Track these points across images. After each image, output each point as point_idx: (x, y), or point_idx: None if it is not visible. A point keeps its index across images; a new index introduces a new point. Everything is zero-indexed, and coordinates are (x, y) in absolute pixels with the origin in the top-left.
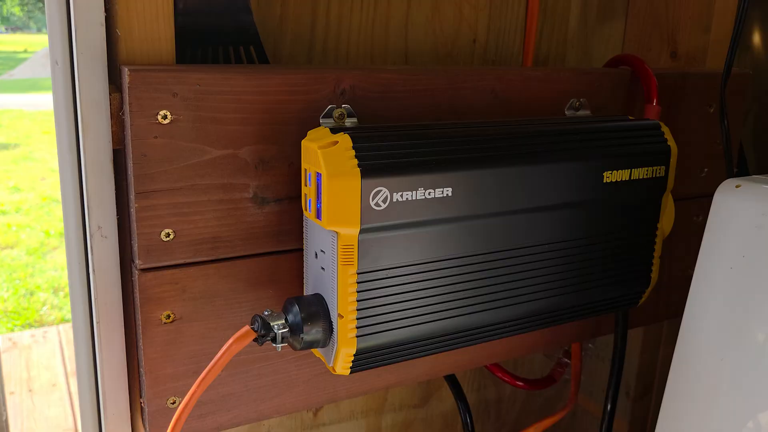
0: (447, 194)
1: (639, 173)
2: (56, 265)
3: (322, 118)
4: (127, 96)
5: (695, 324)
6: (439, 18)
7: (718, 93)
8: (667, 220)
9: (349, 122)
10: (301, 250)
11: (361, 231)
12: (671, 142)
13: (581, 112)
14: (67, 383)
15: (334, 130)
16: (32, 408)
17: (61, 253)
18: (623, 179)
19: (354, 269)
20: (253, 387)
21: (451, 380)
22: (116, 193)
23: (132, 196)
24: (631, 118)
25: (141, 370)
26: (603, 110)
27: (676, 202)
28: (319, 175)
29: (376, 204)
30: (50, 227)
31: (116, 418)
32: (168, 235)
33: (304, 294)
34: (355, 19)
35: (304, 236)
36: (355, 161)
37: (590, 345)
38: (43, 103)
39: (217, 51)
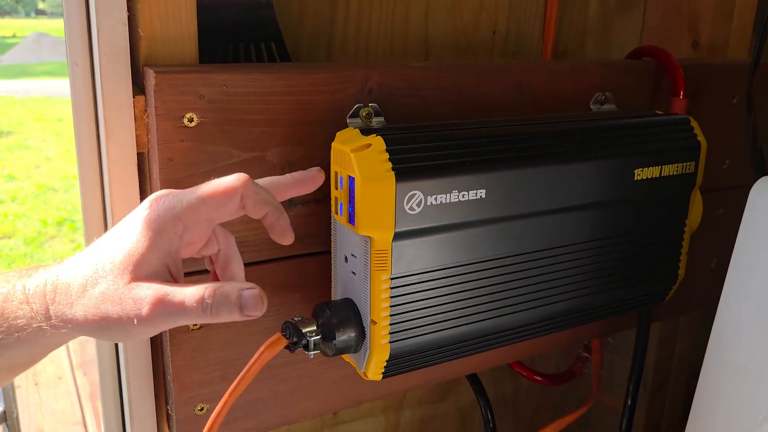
0: (480, 196)
1: (669, 170)
2: (55, 254)
3: (350, 117)
4: (152, 99)
5: (729, 321)
6: (459, 9)
7: (742, 84)
8: (695, 216)
9: (376, 122)
10: (328, 252)
11: (395, 236)
12: (701, 137)
13: (606, 107)
14: (73, 376)
15: (364, 132)
16: (39, 402)
17: (60, 242)
18: (654, 176)
19: (387, 274)
20: (279, 392)
21: (472, 377)
22: (140, 199)
23: None
24: (658, 112)
25: (168, 377)
26: (628, 103)
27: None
28: (351, 179)
29: (411, 208)
30: (47, 216)
31: (142, 425)
32: None
33: (333, 298)
34: (375, 13)
35: (333, 239)
36: (389, 164)
37: (609, 339)
38: (34, 89)
39: (238, 48)
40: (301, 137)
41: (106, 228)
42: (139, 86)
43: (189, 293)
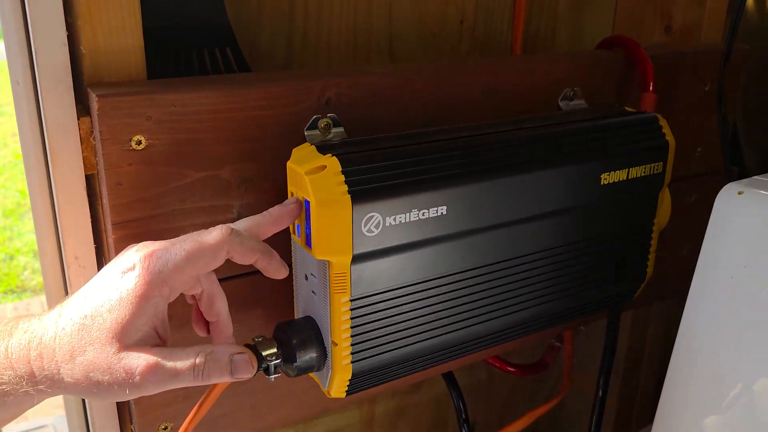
0: (442, 213)
1: (637, 171)
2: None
3: (307, 129)
4: (97, 123)
5: (693, 332)
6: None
7: (714, 71)
8: (663, 214)
9: (335, 132)
10: (290, 266)
11: (354, 258)
12: (669, 137)
13: (575, 102)
14: None
15: (321, 148)
16: None
17: None
18: (621, 179)
19: (347, 297)
20: (246, 405)
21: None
22: (92, 219)
23: (109, 227)
24: (627, 108)
25: (130, 399)
26: (597, 96)
27: (670, 183)
28: (307, 202)
29: (369, 230)
30: (26, 187)
31: None
32: None
33: (295, 315)
34: (336, 7)
35: (293, 257)
36: (345, 187)
37: (581, 326)
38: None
39: (191, 55)
40: (256, 153)
41: (60, 255)
42: (84, 105)
43: (180, 361)
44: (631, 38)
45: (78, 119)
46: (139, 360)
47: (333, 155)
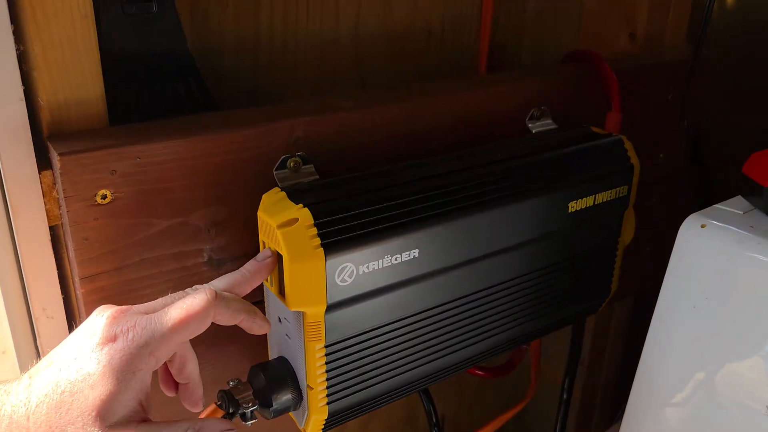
0: (414, 256)
1: (603, 197)
2: None
3: (276, 169)
4: (60, 181)
5: (654, 361)
6: (391, 12)
7: (676, 81)
8: (627, 232)
9: (305, 171)
10: (262, 302)
11: (328, 308)
12: (634, 160)
13: (542, 122)
14: None
15: (291, 195)
16: None
17: None
18: (588, 206)
19: (321, 344)
20: None
21: None
22: (58, 268)
23: (77, 281)
24: (594, 129)
25: None
26: (564, 111)
27: None
28: (280, 255)
29: (342, 280)
30: None
31: None
32: None
33: (269, 354)
34: (301, 24)
35: (265, 299)
36: (318, 240)
37: None
38: None
39: (152, 89)
40: (226, 196)
41: (27, 308)
42: (45, 157)
43: (173, 429)
44: (597, 53)
45: (39, 173)
46: None
47: (304, 206)
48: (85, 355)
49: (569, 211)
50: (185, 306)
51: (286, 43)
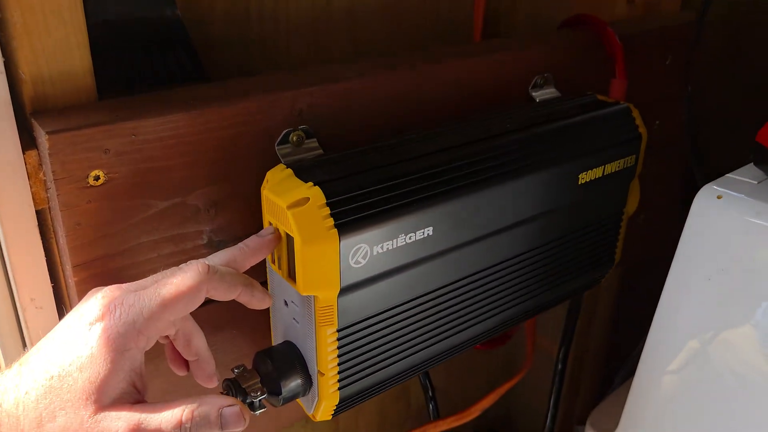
0: (428, 234)
1: (612, 167)
2: None
3: (278, 144)
4: (48, 161)
5: (665, 329)
6: None
7: (675, 45)
8: (632, 203)
9: (308, 145)
10: (265, 284)
11: (340, 291)
12: (642, 129)
13: (546, 90)
14: None
15: (299, 172)
16: None
17: None
18: (597, 176)
19: (333, 328)
20: None
21: None
22: (46, 256)
23: (69, 269)
24: (599, 97)
25: None
26: (567, 79)
27: None
28: (290, 237)
29: (356, 261)
30: None
31: None
32: None
33: (273, 339)
34: None
35: (269, 281)
36: (331, 221)
37: None
38: None
39: (138, 59)
40: (225, 174)
41: (12, 298)
42: (29, 136)
43: (165, 419)
44: (599, 18)
45: (23, 153)
46: (119, 422)
47: (315, 184)
48: (73, 338)
49: (579, 183)
50: (176, 281)
51: (276, 12)
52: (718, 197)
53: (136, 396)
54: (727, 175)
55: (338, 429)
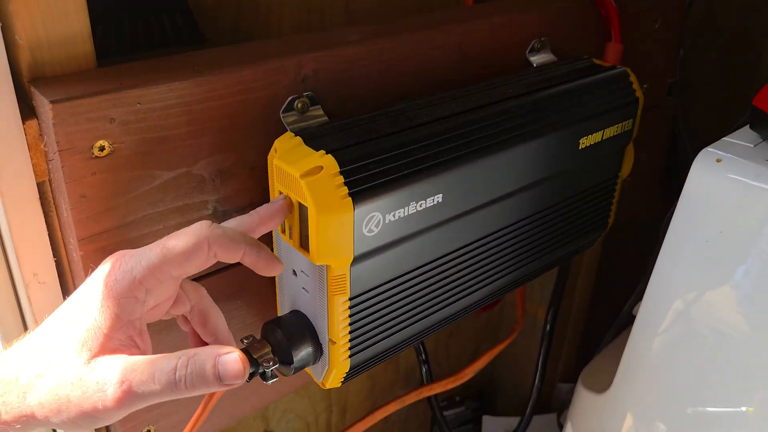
0: (438, 201)
1: (610, 131)
2: None
3: (283, 112)
4: (52, 132)
5: (662, 288)
6: None
7: (664, 8)
8: (626, 166)
9: (312, 113)
10: None
11: (353, 260)
12: (639, 93)
13: (543, 54)
14: None
15: (308, 140)
16: None
17: None
18: (596, 141)
19: (345, 297)
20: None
21: None
22: (48, 235)
23: (74, 242)
24: (595, 61)
25: None
26: (562, 44)
27: None
28: (303, 207)
29: (369, 230)
30: None
31: None
32: None
33: (279, 309)
34: None
35: (276, 250)
36: (345, 189)
37: None
38: None
39: (136, 25)
40: (231, 143)
41: (10, 275)
42: (28, 106)
43: (159, 368)
44: None
45: (23, 123)
46: (113, 370)
47: (327, 152)
48: (79, 293)
49: (580, 148)
50: (178, 235)
51: None
52: (717, 160)
53: (134, 351)
54: (724, 138)
55: (330, 394)
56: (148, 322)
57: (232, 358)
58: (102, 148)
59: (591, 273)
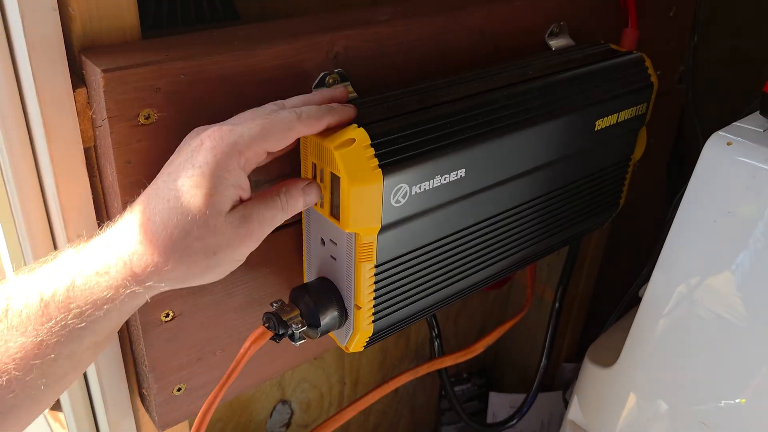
0: (461, 175)
1: (625, 114)
2: None
3: (315, 87)
4: (102, 99)
5: (670, 267)
6: None
7: None
8: (639, 149)
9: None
10: (294, 224)
11: (381, 228)
12: (654, 78)
13: (561, 39)
14: None
15: None
16: None
17: None
18: (611, 123)
19: (372, 263)
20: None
21: None
22: (93, 197)
23: (118, 206)
24: (612, 47)
25: (143, 368)
26: (580, 28)
27: None
28: (335, 177)
29: (396, 201)
30: None
31: (116, 408)
32: None
33: (305, 275)
34: None
35: (306, 221)
36: (376, 161)
37: None
38: None
39: (175, 1)
40: None
41: (53, 238)
42: (78, 74)
43: (268, 202)
44: None
45: (73, 91)
46: (237, 212)
47: (359, 126)
48: (179, 166)
49: (596, 129)
50: (274, 120)
51: None
52: (728, 144)
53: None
54: (734, 123)
55: (344, 366)
56: None
57: (312, 184)
58: (147, 117)
59: (598, 254)
